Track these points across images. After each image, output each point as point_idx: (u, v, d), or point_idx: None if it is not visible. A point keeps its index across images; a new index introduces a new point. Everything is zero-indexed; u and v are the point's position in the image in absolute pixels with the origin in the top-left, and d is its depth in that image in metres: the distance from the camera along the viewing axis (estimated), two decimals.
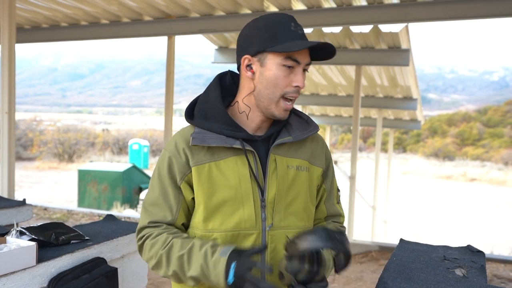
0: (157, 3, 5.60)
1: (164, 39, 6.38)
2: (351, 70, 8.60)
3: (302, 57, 1.30)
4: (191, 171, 1.33)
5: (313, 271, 1.15)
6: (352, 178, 6.76)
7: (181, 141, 1.37)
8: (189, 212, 1.39)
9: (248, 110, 1.37)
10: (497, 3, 4.50)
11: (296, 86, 1.31)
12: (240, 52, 1.34)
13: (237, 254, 1.19)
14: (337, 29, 6.31)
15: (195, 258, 1.24)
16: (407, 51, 6.51)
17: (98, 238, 2.10)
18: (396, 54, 6.51)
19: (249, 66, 1.33)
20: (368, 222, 10.86)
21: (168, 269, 1.28)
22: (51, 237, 1.93)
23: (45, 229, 1.95)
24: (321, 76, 9.51)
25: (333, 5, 5.13)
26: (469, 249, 1.93)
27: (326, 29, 6.39)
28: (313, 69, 9.09)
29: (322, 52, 1.32)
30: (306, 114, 1.47)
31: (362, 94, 9.99)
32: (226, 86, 1.44)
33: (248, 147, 1.32)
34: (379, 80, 9.26)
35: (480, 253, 1.88)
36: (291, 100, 1.33)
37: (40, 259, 1.75)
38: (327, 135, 14.78)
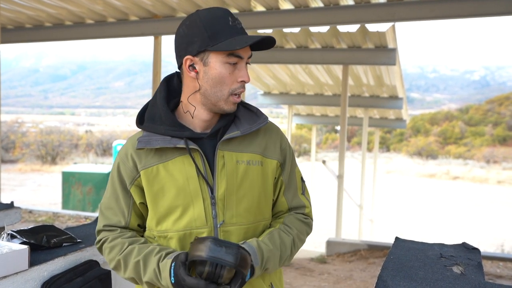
0: (143, 3, 5.55)
1: (147, 39, 6.34)
2: (337, 69, 8.63)
3: (244, 51, 1.29)
4: (139, 175, 1.35)
5: (214, 272, 1.17)
6: (340, 177, 6.78)
7: (130, 146, 1.39)
8: (142, 214, 1.42)
9: (193, 109, 1.36)
10: (483, 2, 4.56)
11: (241, 81, 1.31)
12: (180, 52, 1.33)
13: (179, 255, 1.23)
14: (324, 29, 6.33)
15: (150, 263, 1.27)
16: (394, 50, 6.56)
17: (90, 241, 2.07)
18: (382, 53, 6.56)
19: (191, 66, 1.31)
20: (355, 221, 10.92)
21: (125, 274, 1.34)
22: (43, 240, 1.89)
23: (36, 232, 1.91)
24: (307, 75, 9.53)
25: (321, 4, 5.14)
26: (465, 247, 1.93)
27: (313, 29, 6.40)
28: (299, 69, 9.11)
29: (263, 43, 1.30)
30: (256, 106, 1.45)
31: (348, 94, 10.05)
32: (174, 88, 1.43)
33: (193, 146, 1.31)
34: (365, 80, 9.32)
35: (475, 250, 1.89)
36: (238, 95, 1.33)
37: (32, 262, 1.71)
38: (313, 135, 14.82)
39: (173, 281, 1.20)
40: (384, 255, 5.72)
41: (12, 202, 2.76)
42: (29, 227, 1.94)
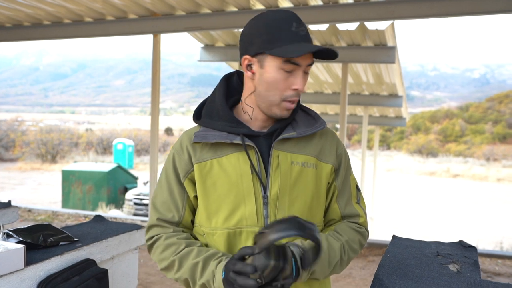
0: (142, 1, 5.53)
1: (147, 37, 6.37)
2: (337, 67, 8.62)
3: (302, 59, 1.26)
4: (193, 169, 1.34)
5: (279, 267, 1.11)
6: None
7: (186, 139, 1.38)
8: (193, 211, 1.40)
9: (251, 110, 1.35)
10: (483, 0, 4.54)
11: (295, 89, 1.28)
12: (241, 50, 1.32)
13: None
14: (323, 27, 6.32)
15: (210, 265, 1.24)
16: (393, 48, 6.55)
17: (87, 240, 2.06)
18: (382, 51, 6.54)
19: (249, 66, 1.30)
20: None
21: (177, 274, 1.30)
22: (39, 239, 1.88)
23: (33, 231, 1.91)
24: None
25: (320, 2, 5.13)
26: (461, 245, 1.93)
27: (312, 27, 6.39)
28: None
29: (323, 53, 1.27)
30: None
31: (348, 92, 10.03)
32: (233, 85, 1.43)
33: (249, 142, 1.30)
34: (365, 78, 9.31)
35: (472, 248, 1.89)
36: (292, 102, 1.30)
37: (29, 261, 1.71)
38: None
39: (223, 276, 1.16)
40: (384, 253, 5.72)
41: (9, 201, 2.76)
42: (26, 226, 1.94)
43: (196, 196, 1.37)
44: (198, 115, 1.41)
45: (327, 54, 1.27)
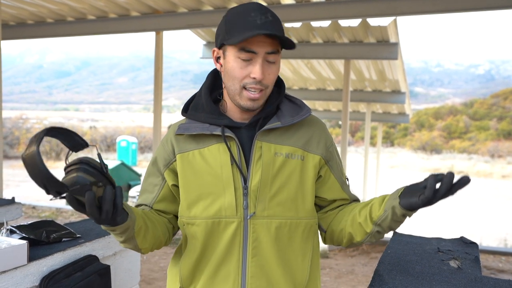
0: None
1: (151, 35, 6.35)
2: (339, 64, 8.61)
3: (258, 47, 1.24)
4: (175, 160, 1.37)
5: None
6: None
7: (171, 131, 1.42)
8: (171, 199, 1.42)
9: (229, 102, 1.37)
10: None
11: (253, 78, 1.26)
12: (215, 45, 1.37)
13: None
14: (325, 23, 6.31)
15: None
16: (396, 44, 6.53)
17: (89, 236, 2.07)
18: (384, 48, 6.53)
19: (218, 58, 1.34)
20: None
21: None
22: (42, 235, 1.90)
23: (36, 227, 1.92)
24: (309, 70, 9.52)
25: None
26: (462, 241, 1.93)
27: (314, 23, 6.38)
28: (301, 64, 9.09)
29: (284, 42, 1.27)
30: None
31: (350, 88, 10.02)
32: (220, 79, 1.43)
33: (229, 133, 1.30)
34: (367, 74, 9.29)
35: (473, 244, 1.89)
36: (254, 90, 1.28)
37: (32, 257, 1.72)
38: None
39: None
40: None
41: (13, 198, 2.77)
42: (29, 222, 1.95)
43: (174, 185, 1.39)
44: (186, 108, 1.43)
45: (288, 43, 1.26)
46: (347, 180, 1.49)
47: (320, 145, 1.39)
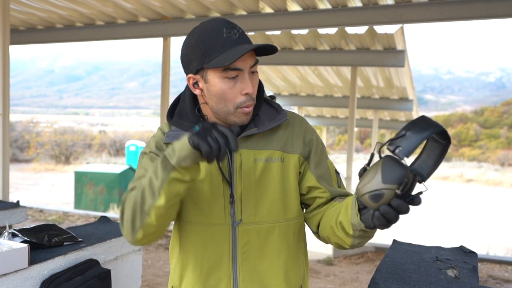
0: (152, 5, 5.60)
1: (160, 40, 6.38)
2: (346, 71, 8.61)
3: (243, 62, 1.22)
4: None
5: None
6: (348, 179, 6.77)
7: (160, 137, 1.38)
8: None
9: (210, 115, 1.33)
10: (492, 4, 4.52)
11: (246, 94, 1.24)
12: (185, 71, 1.31)
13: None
14: (332, 30, 6.33)
15: (157, 163, 1.16)
16: (403, 52, 6.53)
17: (91, 240, 2.09)
18: (391, 55, 6.53)
19: (196, 84, 1.29)
20: None
21: (144, 206, 1.18)
22: (44, 238, 1.91)
23: (38, 230, 1.94)
24: (317, 77, 9.53)
25: (328, 6, 5.14)
26: (462, 250, 1.93)
27: (321, 30, 6.40)
28: (309, 71, 9.10)
29: (264, 50, 1.24)
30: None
31: (358, 95, 10.01)
32: None
33: None
34: (374, 81, 9.28)
35: (472, 253, 1.88)
36: (247, 106, 1.27)
37: (32, 261, 1.74)
38: (323, 137, 14.78)
39: (197, 129, 1.08)
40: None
41: (18, 201, 2.81)
42: (31, 226, 1.97)
43: None
44: (172, 113, 1.40)
45: (266, 50, 1.24)
46: (337, 174, 1.44)
47: (298, 143, 1.37)
